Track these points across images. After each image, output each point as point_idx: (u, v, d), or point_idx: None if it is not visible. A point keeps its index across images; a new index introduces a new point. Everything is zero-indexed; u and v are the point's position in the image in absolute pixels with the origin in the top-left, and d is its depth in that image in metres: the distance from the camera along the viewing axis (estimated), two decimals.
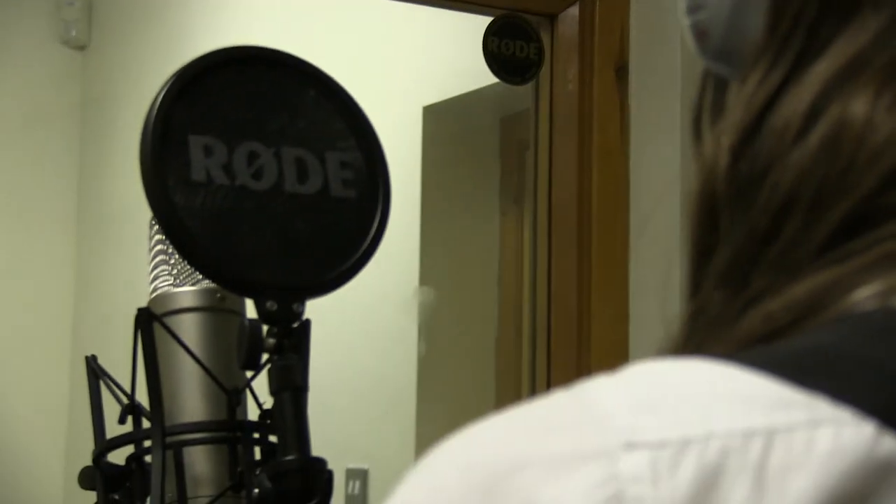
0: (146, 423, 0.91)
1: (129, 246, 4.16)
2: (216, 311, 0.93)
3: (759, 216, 0.58)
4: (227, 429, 0.90)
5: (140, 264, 3.39)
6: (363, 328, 3.13)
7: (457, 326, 3.06)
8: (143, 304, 0.94)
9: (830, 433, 0.52)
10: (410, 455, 3.03)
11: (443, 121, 3.20)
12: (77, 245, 4.63)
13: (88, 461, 0.97)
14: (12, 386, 4.49)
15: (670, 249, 2.28)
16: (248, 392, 0.92)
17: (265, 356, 0.86)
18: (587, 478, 0.52)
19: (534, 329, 2.69)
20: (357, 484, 3.16)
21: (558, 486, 0.52)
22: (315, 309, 0.88)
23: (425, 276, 3.06)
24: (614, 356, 2.48)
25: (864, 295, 0.55)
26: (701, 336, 0.59)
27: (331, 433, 0.89)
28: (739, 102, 0.58)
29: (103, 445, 0.94)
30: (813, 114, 0.57)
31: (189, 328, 0.92)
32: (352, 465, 3.13)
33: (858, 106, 0.56)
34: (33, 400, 4.51)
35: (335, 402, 2.92)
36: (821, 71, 0.57)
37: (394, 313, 3.09)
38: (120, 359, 0.99)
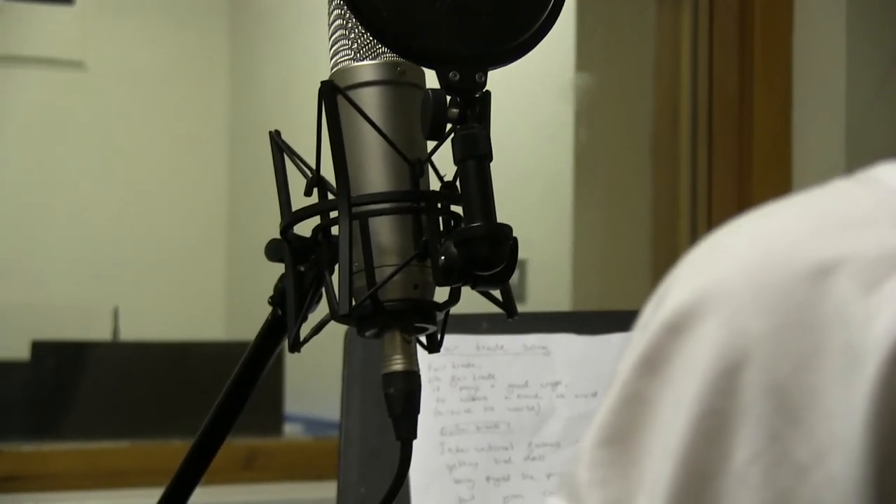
0: (331, 197, 0.93)
1: (284, 37, 4.18)
2: (397, 84, 0.93)
3: None
4: (412, 199, 0.91)
5: (294, 56, 3.40)
6: (520, 116, 3.13)
7: (614, 113, 3.03)
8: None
9: None
10: (567, 244, 3.05)
11: None
12: (231, 39, 4.66)
13: (247, 251, 0.99)
14: (172, 185, 4.58)
15: (835, 35, 2.22)
16: (429, 166, 0.93)
17: (448, 126, 0.87)
18: None
19: (694, 118, 2.66)
20: (515, 274, 3.19)
21: (871, 301, 0.47)
22: None
23: (581, 63, 3.03)
24: (777, 145, 2.44)
25: None
26: None
27: None
28: None
29: (290, 218, 0.95)
30: None
31: (370, 102, 0.92)
32: None
33: None
34: (192, 194, 4.61)
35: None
36: None
37: (551, 100, 3.08)
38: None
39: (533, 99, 3.10)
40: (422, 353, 0.94)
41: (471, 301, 1.02)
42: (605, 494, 0.53)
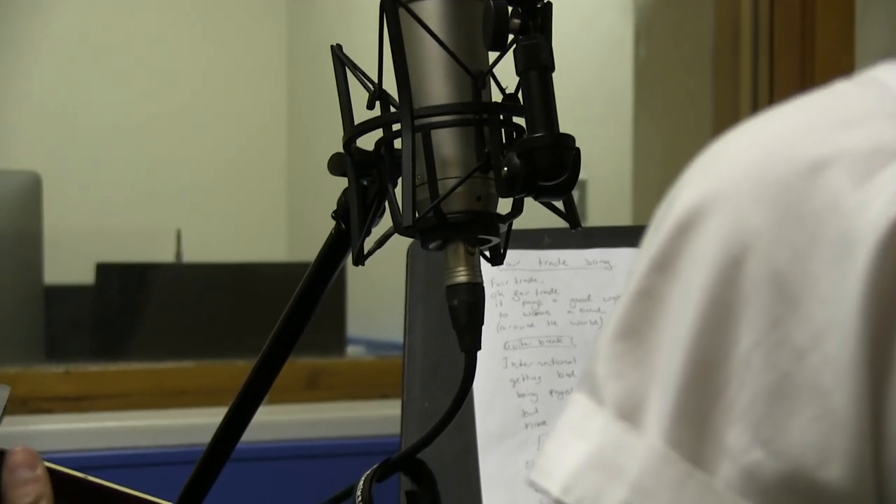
0: (393, 111, 0.93)
1: None
2: None
3: None
4: (474, 110, 0.91)
5: None
6: (579, 32, 3.10)
7: (674, 29, 3.00)
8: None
9: None
10: (627, 163, 3.04)
11: None
12: None
13: (307, 171, 0.99)
14: (231, 106, 4.60)
15: None
16: (491, 78, 0.93)
17: (510, 37, 0.86)
18: (893, 180, 0.50)
19: (755, 33, 2.63)
20: (576, 193, 3.18)
21: (863, 191, 0.50)
22: None
23: None
24: (840, 59, 2.41)
25: None
26: None
27: None
28: None
29: (352, 131, 0.95)
30: None
31: (431, 14, 0.92)
32: None
33: None
34: (252, 115, 4.62)
35: None
36: None
37: (610, 16, 3.05)
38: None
39: (592, 14, 3.08)
40: (484, 269, 0.94)
41: (532, 217, 1.02)
42: (621, 385, 0.55)
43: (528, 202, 0.92)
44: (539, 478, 0.57)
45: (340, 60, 0.98)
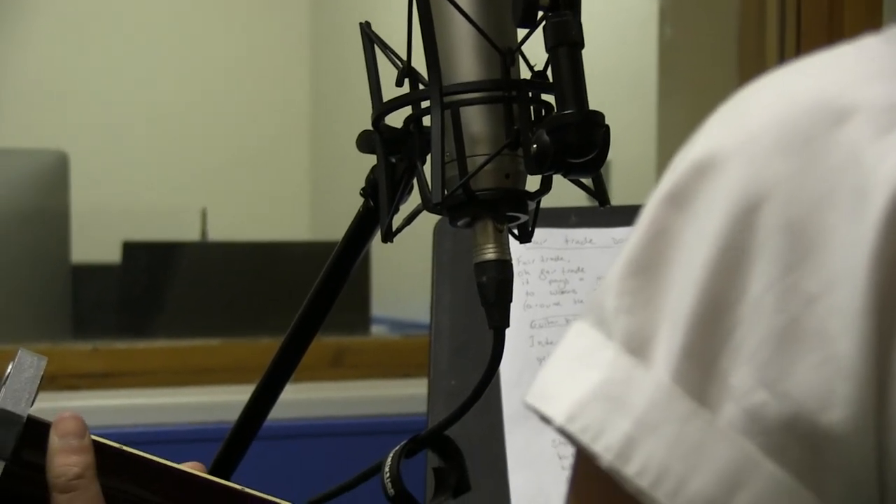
0: (422, 88, 0.93)
1: None
2: None
3: None
4: (503, 87, 0.91)
5: None
6: (603, 12, 3.09)
7: (699, 9, 2.99)
8: None
9: None
10: (652, 143, 3.03)
11: None
12: None
13: (330, 151, 0.99)
14: (255, 85, 4.60)
15: None
16: (520, 55, 0.92)
17: (540, 14, 0.86)
18: None
19: (782, 13, 2.62)
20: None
21: (881, 145, 0.51)
22: None
23: None
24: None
25: None
26: None
27: None
28: None
29: (381, 108, 0.95)
30: None
31: None
32: None
33: None
34: (275, 94, 4.63)
35: None
36: None
37: None
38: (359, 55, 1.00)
39: None
40: (511, 247, 0.94)
41: (557, 196, 1.02)
42: (631, 321, 0.56)
43: (556, 180, 0.92)
44: (541, 403, 0.57)
45: (369, 37, 0.98)
